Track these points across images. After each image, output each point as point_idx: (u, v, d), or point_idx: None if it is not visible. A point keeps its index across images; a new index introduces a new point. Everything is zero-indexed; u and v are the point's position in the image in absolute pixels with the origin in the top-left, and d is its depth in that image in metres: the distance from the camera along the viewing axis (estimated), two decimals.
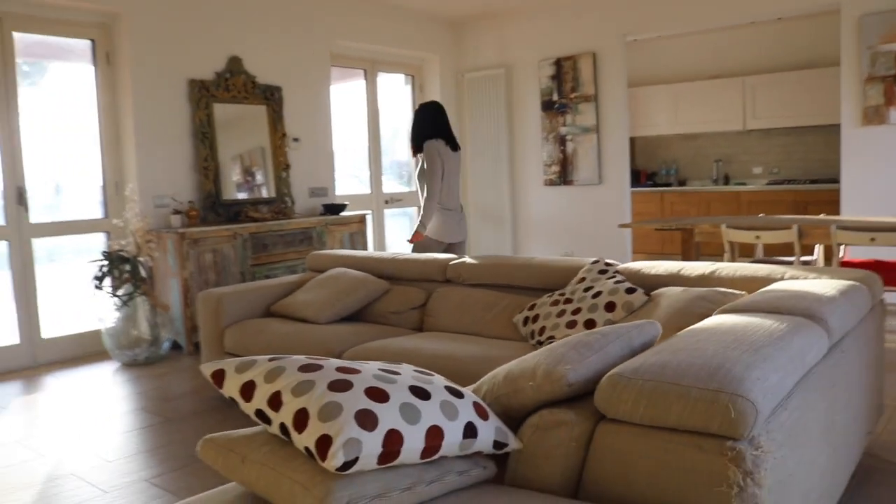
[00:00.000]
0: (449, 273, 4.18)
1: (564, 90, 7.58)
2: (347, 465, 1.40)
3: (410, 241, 5.07)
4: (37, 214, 5.28)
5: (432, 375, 1.75)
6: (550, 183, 7.84)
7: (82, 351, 5.44)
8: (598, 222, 7.42)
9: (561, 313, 3.24)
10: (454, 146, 5.04)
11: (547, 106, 7.74)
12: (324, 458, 1.41)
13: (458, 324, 3.86)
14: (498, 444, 1.69)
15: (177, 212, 5.59)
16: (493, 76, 8.11)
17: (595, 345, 1.86)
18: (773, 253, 6.41)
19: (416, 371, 1.75)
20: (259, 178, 6.40)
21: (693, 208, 9.07)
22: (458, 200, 5.13)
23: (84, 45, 5.56)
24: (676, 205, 9.24)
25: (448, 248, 5.07)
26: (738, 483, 1.46)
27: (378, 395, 1.53)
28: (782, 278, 2.93)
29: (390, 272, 4.43)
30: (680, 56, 9.39)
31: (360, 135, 7.69)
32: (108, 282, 5.16)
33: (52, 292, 5.39)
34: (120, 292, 5.17)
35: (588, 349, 1.84)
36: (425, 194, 4.90)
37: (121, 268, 5.18)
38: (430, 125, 4.98)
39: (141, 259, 5.27)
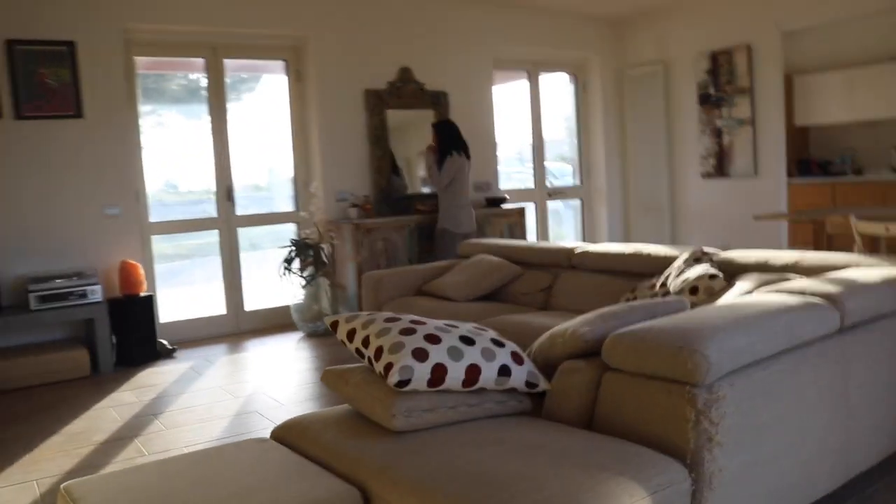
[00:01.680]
0: (574, 260, 4.68)
1: (720, 83, 7.71)
2: (402, 384, 2.03)
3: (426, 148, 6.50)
4: (241, 208, 6.37)
5: (486, 331, 2.33)
6: (707, 175, 8.00)
7: (275, 322, 6.48)
8: (753, 214, 7.47)
9: (654, 296, 3.67)
10: (468, 155, 6.40)
11: (703, 99, 7.90)
12: (387, 377, 2.05)
13: (575, 304, 4.36)
14: (530, 384, 2.25)
15: (354, 205, 6.47)
16: (651, 72, 8.37)
17: (620, 314, 2.36)
18: None
19: (474, 327, 2.34)
20: None
21: (867, 199, 8.74)
22: (468, 198, 6.40)
23: (279, 64, 6.60)
24: (849, 196, 8.93)
25: (463, 238, 6.07)
26: (692, 419, 1.92)
27: (433, 339, 2.14)
28: (857, 266, 3.17)
29: (525, 259, 5.00)
30: (854, 39, 9.05)
31: (525, 131, 8.26)
32: (295, 265, 6.14)
33: (253, 273, 6.49)
34: (305, 274, 6.13)
35: (613, 317, 2.34)
36: (438, 175, 6.26)
37: (306, 253, 6.14)
38: (453, 141, 6.31)
39: (323, 246, 6.20)
